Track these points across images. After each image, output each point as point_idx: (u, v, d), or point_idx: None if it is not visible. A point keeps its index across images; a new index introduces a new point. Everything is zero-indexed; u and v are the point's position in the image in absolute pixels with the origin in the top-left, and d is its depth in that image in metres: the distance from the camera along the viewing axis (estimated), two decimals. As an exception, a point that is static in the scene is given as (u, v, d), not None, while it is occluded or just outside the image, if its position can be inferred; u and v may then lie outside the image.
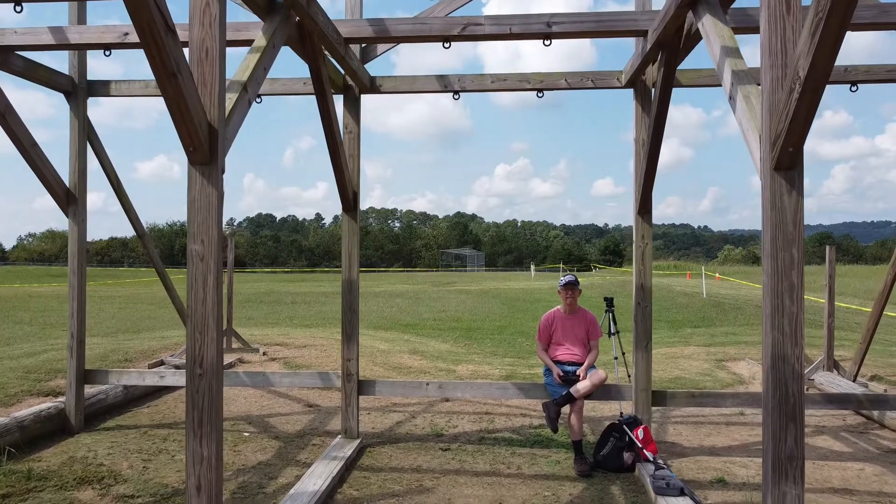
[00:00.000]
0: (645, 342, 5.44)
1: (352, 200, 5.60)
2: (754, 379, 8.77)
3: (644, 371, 5.44)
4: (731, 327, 14.22)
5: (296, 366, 9.23)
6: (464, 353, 10.82)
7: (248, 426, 6.25)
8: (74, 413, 5.84)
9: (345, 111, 5.66)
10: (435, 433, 6.07)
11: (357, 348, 5.61)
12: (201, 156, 2.88)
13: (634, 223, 5.50)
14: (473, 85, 5.67)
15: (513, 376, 8.62)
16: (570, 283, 5.49)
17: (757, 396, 5.53)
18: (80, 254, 5.89)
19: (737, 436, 6.21)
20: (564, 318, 5.54)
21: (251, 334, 12.28)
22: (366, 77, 5.62)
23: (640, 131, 5.45)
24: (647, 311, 5.46)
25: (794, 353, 2.71)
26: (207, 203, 2.90)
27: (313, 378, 5.77)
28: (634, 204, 5.49)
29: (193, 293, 2.88)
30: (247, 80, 3.32)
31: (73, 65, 5.90)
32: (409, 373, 8.86)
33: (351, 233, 5.66)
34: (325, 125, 5.05)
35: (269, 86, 5.84)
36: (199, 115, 2.81)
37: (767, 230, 2.73)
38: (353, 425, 5.56)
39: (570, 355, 5.47)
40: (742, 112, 3.03)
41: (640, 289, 5.46)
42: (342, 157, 5.31)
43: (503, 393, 5.63)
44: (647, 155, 5.14)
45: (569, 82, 5.59)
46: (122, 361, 9.21)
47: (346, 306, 5.61)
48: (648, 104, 5.45)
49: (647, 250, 5.47)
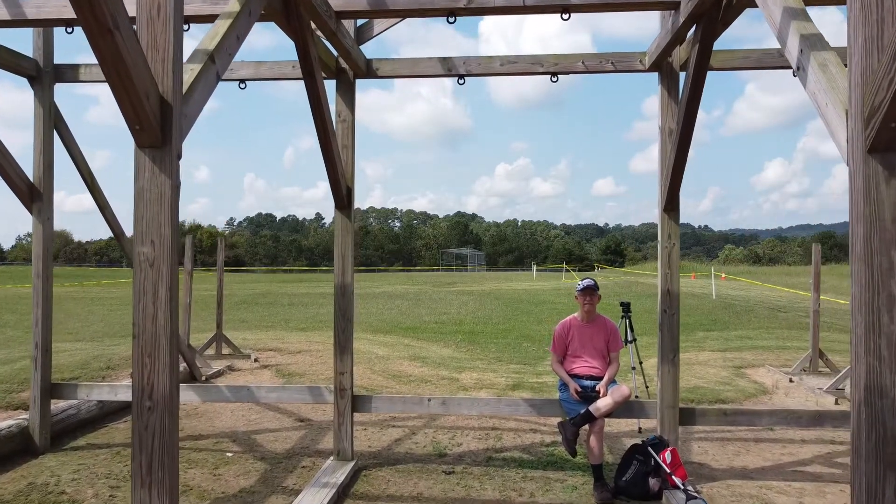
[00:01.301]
0: (672, 354, 4.88)
1: (345, 196, 5.04)
2: (777, 388, 8.21)
3: (671, 386, 4.88)
4: (745, 330, 13.66)
5: (288, 374, 8.67)
6: (467, 360, 10.26)
7: (231, 445, 5.69)
8: (39, 431, 5.28)
9: (338, 97, 5.10)
10: (437, 452, 5.52)
11: (351, 360, 5.05)
12: (151, 136, 2.32)
13: (660, 221, 4.93)
14: (480, 68, 5.11)
15: (520, 386, 8.06)
16: (590, 288, 4.93)
17: (796, 414, 4.97)
18: (46, 256, 5.33)
19: (768, 455, 5.65)
20: (582, 327, 4.98)
21: (243, 339, 11.73)
22: (361, 59, 5.06)
23: (666, 119, 4.89)
24: (674, 320, 4.90)
25: (894, 384, 2.15)
26: (159, 195, 2.34)
27: (302, 393, 5.22)
28: (659, 200, 4.93)
29: (141, 308, 2.33)
30: (214, 48, 2.76)
31: (38, 47, 5.34)
32: (409, 381, 8.31)
33: (345, 232, 5.10)
34: (314, 112, 4.49)
35: (253, 69, 5.28)
36: (145, 84, 2.25)
37: (859, 228, 2.17)
38: (347, 446, 5.00)
39: (588, 368, 4.91)
40: (817, 84, 2.47)
41: (665, 294, 4.91)
42: (334, 149, 4.75)
43: (513, 410, 5.07)
44: (675, 145, 4.57)
45: (586, 65, 5.03)
46: (103, 369, 8.65)
47: (338, 313, 5.05)
48: (675, 89, 4.90)
49: (674, 251, 4.91)
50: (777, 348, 11.16)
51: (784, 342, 11.98)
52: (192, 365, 8.02)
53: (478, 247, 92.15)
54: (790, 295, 19.98)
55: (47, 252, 5.33)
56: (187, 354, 7.89)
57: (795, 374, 8.84)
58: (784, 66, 4.92)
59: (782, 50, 2.76)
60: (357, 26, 5.08)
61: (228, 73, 5.27)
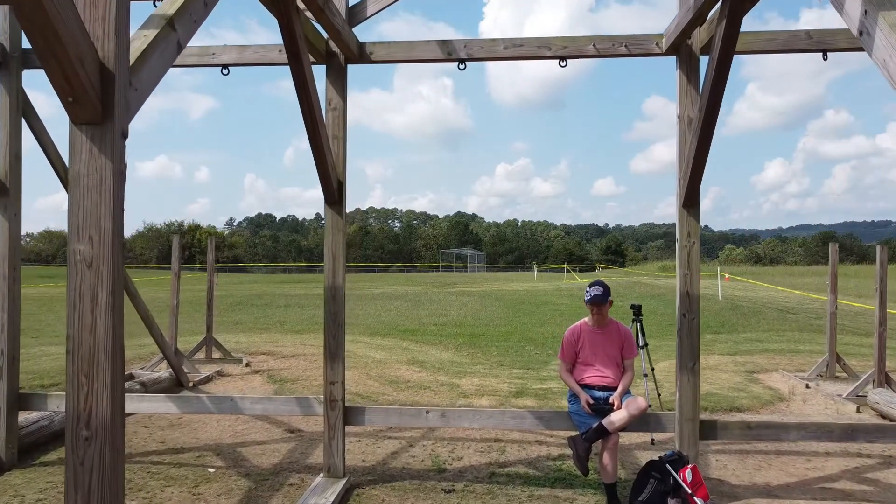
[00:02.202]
0: (691, 362, 4.48)
1: (336, 191, 4.64)
2: (794, 395, 7.81)
3: (690, 397, 4.48)
4: (754, 333, 13.25)
5: (280, 380, 8.27)
6: (467, 364, 9.86)
7: (215, 459, 5.29)
8: (5, 446, 4.88)
9: (328, 84, 4.70)
10: (436, 467, 5.12)
11: (343, 369, 4.66)
12: (88, 111, 1.92)
13: (678, 218, 4.53)
14: (483, 52, 4.71)
15: (524, 392, 7.66)
16: (598, 300, 4.48)
17: (827, 428, 4.57)
18: (13, 255, 4.93)
19: (792, 469, 5.25)
20: (593, 333, 4.58)
21: (236, 342, 11.34)
22: (353, 42, 4.66)
23: (685, 107, 4.49)
24: (694, 325, 4.50)
25: None
26: (99, 181, 1.94)
27: (290, 404, 4.81)
28: (678, 195, 4.53)
29: (77, 317, 1.93)
30: (175, 13, 2.36)
31: (4, 30, 4.94)
32: (406, 388, 7.91)
33: (335, 230, 4.70)
34: (300, 98, 4.09)
35: (237, 54, 4.88)
36: (80, 47, 1.85)
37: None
38: (338, 462, 4.60)
39: (600, 378, 4.51)
40: (888, 48, 2.08)
41: (685, 297, 4.50)
42: (323, 139, 4.36)
43: (519, 423, 4.67)
44: (696, 135, 4.17)
45: (598, 48, 4.63)
46: (87, 375, 8.25)
47: (329, 317, 4.66)
48: (695, 74, 4.50)
49: (693, 251, 4.51)
50: (789, 352, 10.76)
51: (796, 345, 11.57)
52: (179, 371, 7.63)
53: (478, 247, 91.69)
54: (797, 296, 19.56)
55: (14, 252, 4.94)
56: (173, 360, 7.49)
57: (811, 379, 8.44)
58: (814, 49, 4.53)
59: (840, 11, 2.35)
60: (349, 6, 4.69)
61: (210, 59, 4.88)
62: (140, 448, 5.55)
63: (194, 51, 4.88)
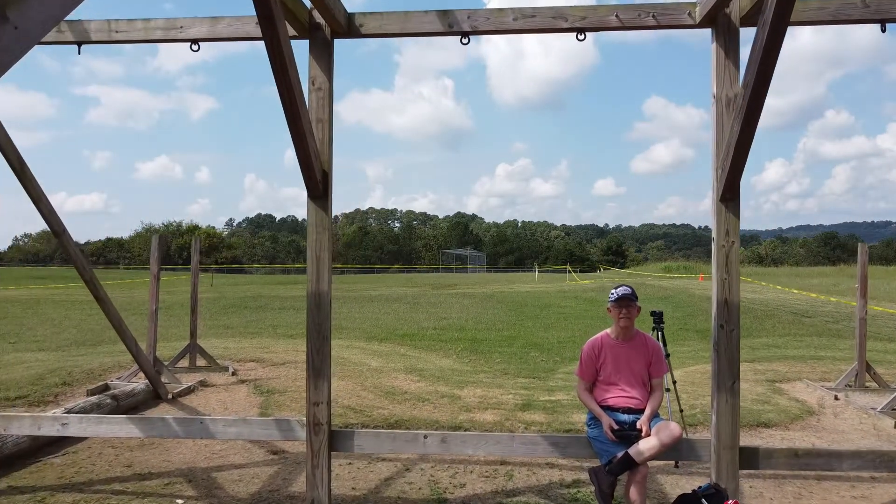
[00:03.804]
0: (731, 380, 3.87)
1: (321, 183, 4.04)
2: (823, 408, 7.21)
3: (729, 421, 3.87)
4: (770, 338, 12.65)
5: (268, 391, 7.66)
6: (469, 372, 9.25)
7: (185, 487, 4.68)
8: (-57, 475, 4.28)
9: (311, 60, 4.10)
10: (436, 496, 4.52)
11: (328, 387, 4.06)
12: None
13: (715, 214, 3.93)
14: (489, 24, 4.10)
15: (530, 405, 7.06)
16: (626, 298, 3.92)
17: (887, 457, 3.97)
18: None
19: (836, 498, 4.65)
20: (617, 347, 3.98)
21: (224, 347, 10.73)
22: (340, 12, 4.06)
23: (722, 85, 3.89)
24: (734, 338, 3.89)
25: None
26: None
27: (267, 427, 4.21)
28: (714, 186, 3.93)
29: None
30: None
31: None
32: (404, 400, 7.30)
33: (320, 227, 4.10)
34: (276, 72, 3.49)
35: (209, 27, 4.28)
36: None
37: None
38: (322, 496, 3.99)
39: (625, 399, 3.90)
40: None
41: (723, 306, 3.90)
42: (304, 122, 3.75)
43: (531, 450, 4.06)
44: (740, 116, 3.57)
45: (621, 19, 4.03)
46: (59, 385, 7.65)
47: (312, 329, 4.06)
48: (734, 48, 3.90)
49: (732, 252, 3.90)
50: (810, 359, 10.15)
51: (816, 351, 10.97)
52: (156, 382, 7.02)
53: (478, 247, 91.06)
54: (808, 298, 18.95)
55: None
56: (149, 370, 6.89)
57: (840, 390, 7.84)
58: (870, 19, 3.93)
59: None
60: (335, -29, 4.09)
61: (177, 33, 4.29)
62: (103, 473, 4.94)
63: (159, 24, 4.29)
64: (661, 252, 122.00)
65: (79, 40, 4.38)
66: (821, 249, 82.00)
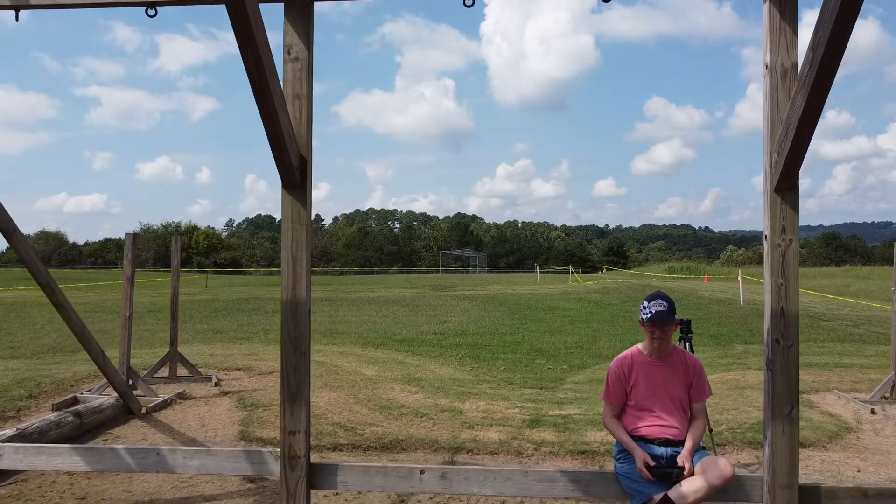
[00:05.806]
0: (789, 406, 3.23)
1: (297, 170, 3.40)
2: (862, 424, 6.56)
3: (786, 455, 3.22)
4: (788, 343, 11.98)
5: (251, 404, 7.01)
6: (471, 382, 8.60)
7: (144, 526, 4.04)
8: None
9: (286, 25, 3.46)
10: (435, 538, 3.87)
11: (307, 413, 3.41)
12: None
13: (768, 206, 3.27)
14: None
15: (539, 421, 6.41)
16: (661, 317, 3.25)
17: (976, 498, 3.31)
18: None
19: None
20: (650, 366, 3.33)
21: (211, 354, 10.08)
22: (320, -32, 3.41)
23: (777, 52, 3.25)
24: (792, 355, 3.25)
25: None
26: None
27: (235, 460, 3.56)
28: (767, 174, 3.27)
29: None
30: None
31: None
32: (400, 415, 6.65)
33: (297, 223, 3.46)
34: (240, 38, 2.84)
35: (166, -12, 3.63)
36: None
37: None
38: (299, 544, 3.34)
39: (662, 429, 3.25)
40: None
41: (779, 317, 3.25)
42: (276, 98, 3.11)
43: (548, 489, 3.40)
44: (805, 87, 2.92)
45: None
46: (24, 398, 7.01)
47: (288, 345, 3.41)
48: (790, 7, 3.26)
49: (790, 252, 3.25)
50: (836, 366, 9.50)
51: (840, 358, 10.31)
52: (127, 396, 6.39)
53: (478, 248, 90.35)
54: (821, 300, 18.30)
55: None
56: (118, 382, 6.24)
57: (875, 402, 7.18)
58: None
59: None
60: (314, -81, 3.45)
61: (131, -6, 3.64)
62: None
63: (109, -16, 3.64)
64: (662, 253, 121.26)
65: (16, 4, 3.74)
66: (822, 250, 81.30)
